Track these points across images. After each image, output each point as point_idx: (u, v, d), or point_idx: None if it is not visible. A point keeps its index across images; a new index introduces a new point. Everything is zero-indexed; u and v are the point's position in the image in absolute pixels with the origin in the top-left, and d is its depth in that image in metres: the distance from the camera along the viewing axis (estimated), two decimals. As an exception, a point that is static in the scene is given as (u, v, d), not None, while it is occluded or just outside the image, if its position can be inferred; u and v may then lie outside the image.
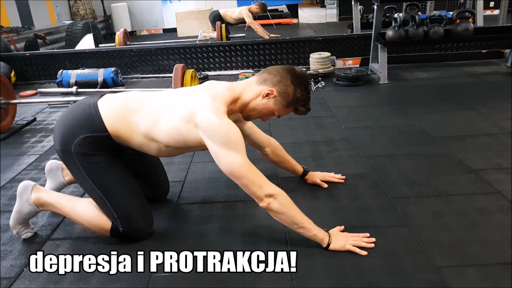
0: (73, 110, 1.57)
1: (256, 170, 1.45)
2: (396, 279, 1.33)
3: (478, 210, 1.69)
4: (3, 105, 2.99)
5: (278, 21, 8.53)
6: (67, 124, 1.53)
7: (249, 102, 1.56)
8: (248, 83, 1.58)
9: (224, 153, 1.41)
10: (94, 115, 1.51)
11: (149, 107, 1.53)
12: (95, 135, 1.49)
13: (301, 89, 1.54)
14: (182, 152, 1.64)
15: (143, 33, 9.05)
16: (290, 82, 1.52)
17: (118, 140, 1.53)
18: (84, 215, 1.58)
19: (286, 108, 1.57)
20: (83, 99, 1.64)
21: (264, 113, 1.58)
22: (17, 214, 1.64)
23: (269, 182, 1.45)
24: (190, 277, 1.40)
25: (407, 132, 2.58)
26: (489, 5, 7.83)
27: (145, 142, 1.53)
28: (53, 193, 1.68)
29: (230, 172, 1.43)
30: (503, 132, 2.48)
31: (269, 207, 1.44)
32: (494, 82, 3.61)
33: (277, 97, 1.53)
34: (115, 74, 4.18)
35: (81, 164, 1.51)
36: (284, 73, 1.53)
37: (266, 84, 1.53)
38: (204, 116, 1.42)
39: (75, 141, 1.49)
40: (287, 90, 1.52)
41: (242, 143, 1.44)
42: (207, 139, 1.42)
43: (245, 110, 1.59)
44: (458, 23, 3.75)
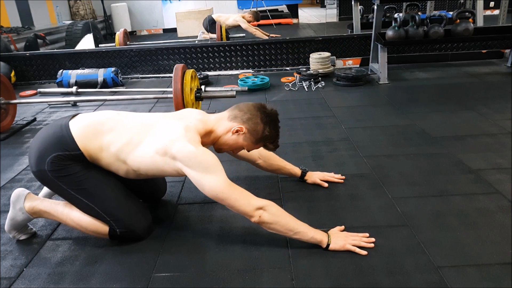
0: (45, 132, 1.58)
1: (239, 189, 1.47)
2: (396, 279, 1.33)
3: (478, 210, 1.69)
4: (3, 105, 2.99)
5: (278, 21, 8.53)
6: (38, 146, 1.54)
7: (220, 136, 1.60)
8: (220, 118, 1.62)
9: (206, 178, 1.43)
10: (65, 136, 1.52)
11: (122, 129, 1.55)
12: (67, 153, 1.50)
13: (270, 127, 1.59)
14: (150, 177, 1.67)
15: (143, 33, 9.04)
16: (259, 120, 1.57)
17: (89, 159, 1.54)
18: (80, 221, 1.58)
19: (255, 144, 1.62)
20: (54, 121, 1.66)
21: (234, 147, 1.64)
22: (11, 221, 1.64)
23: (254, 196, 1.47)
24: (190, 277, 1.40)
25: (407, 132, 2.58)
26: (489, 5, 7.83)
27: (115, 163, 1.54)
28: (47, 201, 1.67)
29: (215, 195, 1.45)
30: (503, 132, 2.48)
31: (261, 220, 1.45)
32: (494, 82, 3.61)
33: (246, 134, 1.58)
34: (115, 74, 4.18)
35: (58, 179, 1.52)
36: (255, 111, 1.57)
37: (236, 121, 1.58)
38: (180, 147, 1.45)
39: (47, 160, 1.50)
40: (256, 128, 1.57)
41: (220, 166, 1.47)
42: (187, 168, 1.45)
43: (217, 143, 1.63)
44: (458, 23, 3.75)
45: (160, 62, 4.57)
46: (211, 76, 4.39)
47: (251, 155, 1.89)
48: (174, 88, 2.53)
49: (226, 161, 2.29)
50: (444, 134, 2.49)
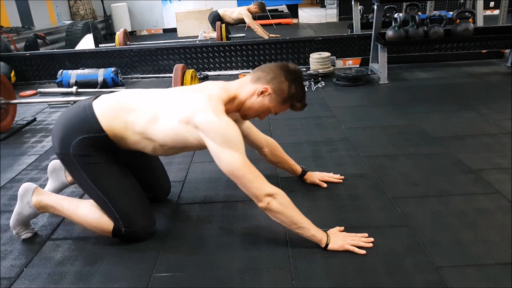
0: (68, 113, 1.58)
1: (255, 170, 1.44)
2: (396, 279, 1.33)
3: (478, 210, 1.69)
4: (3, 105, 2.99)
5: (278, 21, 8.53)
6: (63, 128, 1.53)
7: (245, 101, 1.56)
8: (243, 82, 1.58)
9: (224, 152, 1.41)
10: (89, 117, 1.51)
11: (145, 106, 1.53)
12: (92, 135, 1.49)
13: (296, 85, 1.54)
14: (178, 152, 1.64)
15: (143, 33, 9.05)
16: (284, 79, 1.52)
17: (115, 139, 1.53)
18: (86, 217, 1.58)
19: (282, 104, 1.57)
20: (78, 101, 1.64)
21: (261, 111, 1.58)
22: (17, 215, 1.64)
23: (268, 182, 1.45)
24: (190, 277, 1.40)
25: (407, 132, 2.58)
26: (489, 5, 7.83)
27: (140, 141, 1.53)
28: (54, 195, 1.68)
29: (230, 172, 1.43)
30: (503, 132, 2.48)
31: (268, 207, 1.44)
32: (494, 82, 3.61)
33: (272, 95, 1.53)
34: (115, 74, 4.18)
35: (80, 165, 1.51)
36: (278, 70, 1.53)
37: (260, 82, 1.53)
38: (203, 116, 1.42)
39: (72, 143, 1.49)
40: (281, 87, 1.52)
41: (242, 142, 1.44)
42: (207, 139, 1.42)
43: (242, 109, 1.59)
44: (458, 23, 3.75)
45: (160, 62, 4.57)
46: (211, 76, 4.39)
47: (259, 141, 1.88)
48: (174, 88, 2.53)
49: (226, 161, 2.30)
50: (444, 134, 2.49)
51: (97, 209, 1.59)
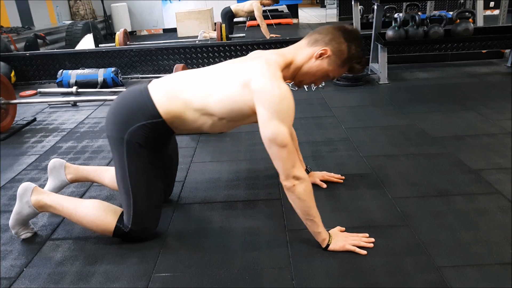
0: (125, 97, 1.56)
1: (294, 149, 1.41)
2: (396, 279, 1.33)
3: (478, 210, 1.69)
4: (3, 105, 2.99)
5: (278, 21, 8.55)
6: (121, 112, 1.52)
7: (302, 65, 1.52)
8: (298, 46, 1.54)
9: (274, 121, 1.36)
10: (146, 101, 1.49)
11: (201, 81, 1.51)
12: (150, 122, 1.48)
13: (355, 45, 1.50)
14: (235, 125, 1.59)
15: (143, 33, 9.06)
16: (343, 40, 1.47)
17: (173, 123, 1.52)
18: (87, 215, 1.58)
19: (341, 67, 1.52)
20: (133, 86, 1.62)
21: (318, 75, 1.54)
22: (16, 215, 1.64)
23: (300, 165, 1.43)
24: (190, 277, 1.40)
25: (407, 132, 2.58)
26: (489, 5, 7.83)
27: (199, 118, 1.50)
28: (53, 195, 1.67)
29: (271, 143, 1.38)
30: (503, 132, 2.48)
31: (292, 189, 1.41)
32: (494, 82, 3.61)
33: (331, 57, 1.49)
34: (115, 74, 4.18)
35: (128, 154, 1.51)
36: (336, 31, 1.49)
37: (318, 44, 1.49)
38: (260, 81, 1.38)
39: (129, 129, 1.48)
40: (340, 48, 1.47)
41: (293, 116, 1.40)
42: (259, 104, 1.38)
43: (298, 75, 1.54)
44: (458, 23, 3.75)
45: (160, 62, 4.57)
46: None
47: None
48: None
49: (226, 161, 2.30)
50: (444, 134, 2.49)
51: (98, 208, 1.59)
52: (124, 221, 1.56)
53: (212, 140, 2.61)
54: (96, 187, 2.08)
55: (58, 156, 2.52)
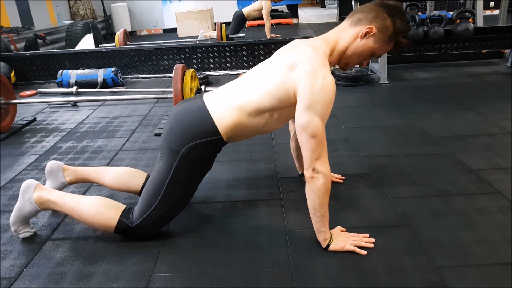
0: (184, 112, 1.55)
1: (325, 142, 1.42)
2: (396, 279, 1.33)
3: (478, 210, 1.69)
4: (3, 105, 2.99)
5: (278, 21, 8.55)
6: (180, 127, 1.52)
7: (347, 48, 1.50)
8: (341, 29, 1.53)
9: (310, 111, 1.37)
10: (205, 118, 1.50)
11: (251, 82, 1.52)
12: (208, 139, 1.49)
13: (400, 20, 1.47)
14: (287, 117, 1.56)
15: (143, 33, 9.06)
16: (387, 15, 1.45)
17: (231, 136, 1.53)
18: (89, 210, 1.57)
19: (387, 43, 1.49)
20: (189, 100, 1.61)
21: (365, 55, 1.51)
22: (18, 212, 1.63)
23: (327, 160, 1.44)
24: (190, 277, 1.40)
25: (407, 132, 2.58)
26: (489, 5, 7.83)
27: (253, 120, 1.50)
28: (55, 191, 1.67)
29: (304, 129, 1.38)
30: (503, 132, 2.49)
31: (310, 180, 1.43)
32: (494, 82, 3.61)
33: (376, 34, 1.46)
34: (115, 74, 4.18)
35: (178, 165, 1.51)
36: (378, 8, 1.47)
37: (362, 24, 1.47)
38: (307, 67, 1.38)
39: (187, 145, 1.49)
40: (385, 24, 1.45)
41: (330, 109, 1.40)
42: (301, 90, 1.38)
43: (344, 57, 1.53)
44: (458, 23, 3.75)
45: (160, 62, 4.57)
46: (211, 76, 4.39)
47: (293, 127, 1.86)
48: (174, 88, 2.53)
49: (226, 161, 2.30)
50: (444, 134, 2.49)
51: (100, 204, 1.59)
52: (134, 216, 1.56)
53: (212, 140, 2.61)
54: (96, 187, 2.08)
55: (58, 156, 2.52)
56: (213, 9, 8.38)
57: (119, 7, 8.69)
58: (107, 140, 2.76)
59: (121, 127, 3.00)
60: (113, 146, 2.64)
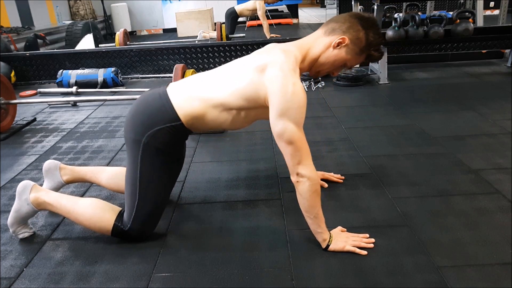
0: (145, 100, 1.56)
1: (305, 146, 1.42)
2: (396, 279, 1.33)
3: (478, 210, 1.69)
4: (3, 105, 2.99)
5: (278, 21, 8.55)
6: (140, 115, 1.52)
7: (319, 56, 1.51)
8: (315, 37, 1.53)
9: (283, 118, 1.38)
10: (165, 105, 1.50)
11: (218, 78, 1.52)
12: (168, 125, 1.49)
13: (373, 32, 1.49)
14: (254, 118, 1.58)
15: (143, 33, 9.06)
16: (360, 27, 1.46)
17: (192, 125, 1.52)
18: (85, 213, 1.57)
19: (359, 55, 1.52)
20: (152, 89, 1.62)
21: (336, 65, 1.53)
22: (15, 213, 1.63)
23: (310, 163, 1.43)
24: (190, 277, 1.40)
25: (407, 132, 2.58)
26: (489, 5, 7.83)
27: (220, 114, 1.50)
28: (52, 192, 1.67)
29: (280, 136, 1.40)
30: (503, 132, 2.49)
31: (297, 185, 1.43)
32: (494, 82, 3.61)
33: (349, 45, 1.48)
34: (115, 74, 4.18)
35: (143, 155, 1.50)
36: (352, 19, 1.49)
37: (336, 33, 1.48)
38: (276, 73, 1.38)
39: (148, 133, 1.48)
40: (358, 36, 1.47)
41: (304, 112, 1.41)
42: (271, 97, 1.39)
43: (315, 66, 1.54)
44: (458, 23, 3.75)
45: (160, 62, 4.57)
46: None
47: None
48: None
49: (226, 161, 2.30)
50: (444, 134, 2.49)
51: (96, 206, 1.58)
52: (124, 219, 1.56)
53: (212, 140, 2.61)
54: (96, 188, 2.08)
55: (58, 156, 2.52)
56: (213, 9, 8.38)
57: (119, 7, 8.69)
58: (107, 140, 2.76)
59: (121, 127, 3.00)
60: (113, 146, 2.64)
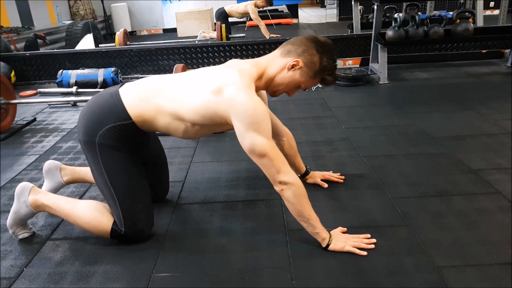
0: (96, 101, 1.56)
1: (278, 154, 1.42)
2: (396, 279, 1.33)
3: (478, 210, 1.69)
4: (3, 105, 2.99)
5: (278, 21, 8.54)
6: (90, 115, 1.52)
7: (275, 76, 1.53)
8: (271, 57, 1.55)
9: (249, 133, 1.38)
10: (116, 104, 1.49)
11: (173, 86, 1.51)
12: (119, 124, 1.48)
13: (327, 57, 1.51)
14: (208, 132, 1.60)
15: (143, 33, 9.05)
16: (315, 51, 1.50)
17: (143, 126, 1.52)
18: (84, 216, 1.57)
19: (313, 78, 1.54)
20: (104, 89, 1.62)
21: (291, 86, 1.56)
22: (14, 215, 1.64)
23: (288, 169, 1.44)
24: (190, 277, 1.40)
25: (407, 132, 2.58)
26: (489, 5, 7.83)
27: (172, 123, 1.51)
28: (51, 195, 1.67)
29: (251, 151, 1.40)
30: (503, 132, 2.48)
31: (281, 193, 1.44)
32: (494, 82, 3.61)
33: (303, 68, 1.50)
34: (115, 74, 4.18)
35: (102, 156, 1.50)
36: (308, 43, 1.51)
37: (291, 56, 1.51)
38: (232, 92, 1.39)
39: (99, 132, 1.48)
40: (313, 60, 1.50)
41: (268, 124, 1.41)
42: (234, 116, 1.40)
43: (271, 86, 1.56)
44: (458, 23, 3.75)
45: (160, 62, 4.57)
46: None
47: (280, 129, 1.85)
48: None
49: (226, 161, 2.30)
50: (444, 134, 2.49)
51: (95, 209, 1.58)
52: (117, 223, 1.56)
53: (212, 140, 2.61)
54: (96, 188, 2.07)
55: (58, 156, 2.52)
56: (213, 9, 8.37)
57: (119, 7, 8.68)
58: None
59: (121, 127, 3.00)
60: (113, 146, 2.64)
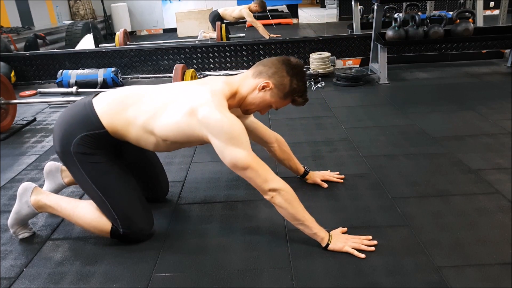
0: (69, 111, 1.58)
1: (261, 164, 1.44)
2: (396, 279, 1.33)
3: (478, 210, 1.69)
4: (3, 105, 2.99)
5: (278, 21, 8.53)
6: (64, 125, 1.53)
7: (247, 96, 1.55)
8: (244, 77, 1.58)
9: (228, 149, 1.40)
10: (89, 114, 1.51)
11: (146, 100, 1.53)
12: (92, 133, 1.49)
13: (297, 80, 1.53)
14: (180, 147, 1.64)
15: (143, 33, 9.05)
16: (285, 73, 1.52)
17: (116, 135, 1.53)
18: (84, 216, 1.58)
19: (283, 99, 1.57)
20: (79, 99, 1.64)
21: (262, 106, 1.58)
22: (15, 214, 1.64)
23: (274, 176, 1.45)
24: (190, 277, 1.40)
25: (407, 132, 2.58)
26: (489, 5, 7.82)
27: (143, 136, 1.52)
28: (52, 195, 1.67)
29: (234, 166, 1.42)
30: (503, 132, 2.48)
31: (272, 200, 1.45)
32: (494, 82, 3.61)
33: (273, 89, 1.53)
34: (115, 74, 4.18)
35: (81, 164, 1.51)
36: (279, 64, 1.53)
37: (262, 77, 1.53)
38: (206, 111, 1.41)
39: (73, 141, 1.49)
40: (283, 82, 1.52)
41: (246, 138, 1.43)
42: (211, 135, 1.42)
43: (243, 104, 1.59)
44: (458, 23, 3.75)
45: (160, 62, 4.57)
46: (211, 76, 4.39)
47: (268, 136, 1.87)
48: (174, 88, 2.53)
49: (226, 161, 2.30)
50: (444, 134, 2.49)
51: (96, 209, 1.58)
52: (116, 226, 1.56)
53: (212, 140, 2.61)
54: (96, 187, 2.08)
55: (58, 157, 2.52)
56: (213, 9, 8.37)
57: (119, 7, 8.68)
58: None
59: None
60: (113, 146, 2.64)
